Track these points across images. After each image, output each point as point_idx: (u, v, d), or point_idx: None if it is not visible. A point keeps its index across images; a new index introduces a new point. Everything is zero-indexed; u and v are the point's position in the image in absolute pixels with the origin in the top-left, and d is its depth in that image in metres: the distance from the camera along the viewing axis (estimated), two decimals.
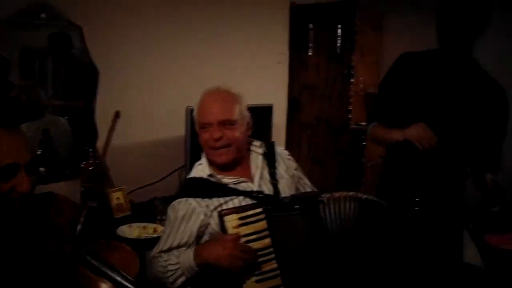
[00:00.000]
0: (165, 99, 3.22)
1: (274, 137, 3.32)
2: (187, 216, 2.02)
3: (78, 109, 2.92)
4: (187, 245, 2.00)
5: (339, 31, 3.99)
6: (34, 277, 1.45)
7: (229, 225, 1.91)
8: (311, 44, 4.12)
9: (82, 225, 1.45)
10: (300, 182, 2.29)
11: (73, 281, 1.46)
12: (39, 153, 2.64)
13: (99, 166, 2.61)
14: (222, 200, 2.03)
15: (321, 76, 4.09)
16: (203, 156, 2.17)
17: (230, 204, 2.02)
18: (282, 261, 1.92)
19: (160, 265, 1.96)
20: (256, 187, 2.09)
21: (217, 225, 1.95)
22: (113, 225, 2.55)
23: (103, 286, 1.48)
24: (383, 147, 2.67)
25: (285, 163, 2.24)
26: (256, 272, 1.89)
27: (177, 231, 2.02)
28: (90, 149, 2.66)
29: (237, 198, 2.04)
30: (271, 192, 2.09)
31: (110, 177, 2.78)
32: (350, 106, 3.99)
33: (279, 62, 4.09)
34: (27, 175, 1.46)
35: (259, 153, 2.21)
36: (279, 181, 2.14)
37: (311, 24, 4.12)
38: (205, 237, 2.03)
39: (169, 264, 1.94)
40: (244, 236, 1.90)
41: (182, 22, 3.28)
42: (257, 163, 2.18)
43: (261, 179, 2.13)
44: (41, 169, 2.60)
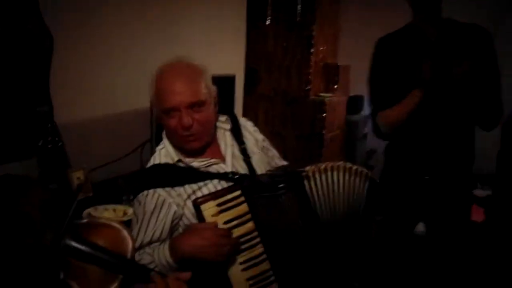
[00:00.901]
0: (126, 70, 3.02)
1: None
2: (157, 209, 1.82)
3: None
4: (160, 241, 1.83)
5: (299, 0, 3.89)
6: (11, 278, 1.31)
7: (207, 214, 1.75)
8: (269, 13, 4.01)
9: (72, 211, 1.33)
10: (269, 154, 2.13)
11: (57, 276, 1.32)
12: None
13: (58, 144, 2.42)
14: (195, 186, 1.85)
15: (280, 46, 4.00)
16: (164, 139, 1.96)
17: (204, 190, 1.84)
18: (268, 244, 1.80)
19: None
20: (230, 168, 1.91)
21: (193, 215, 1.79)
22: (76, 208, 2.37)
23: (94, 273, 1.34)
24: (391, 136, 2.61)
25: (253, 136, 2.07)
26: (242, 259, 1.76)
27: (147, 227, 1.83)
28: (49, 125, 2.42)
29: (211, 182, 1.86)
30: (245, 171, 1.93)
31: (68, 156, 2.59)
32: (309, 76, 3.94)
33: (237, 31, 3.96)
34: None
35: (226, 129, 2.02)
36: (252, 157, 1.98)
37: None
38: (179, 230, 1.86)
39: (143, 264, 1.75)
40: (224, 223, 1.76)
41: None
42: (225, 141, 1.99)
43: (233, 157, 1.96)
44: None
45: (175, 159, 1.90)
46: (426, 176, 2.41)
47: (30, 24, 2.58)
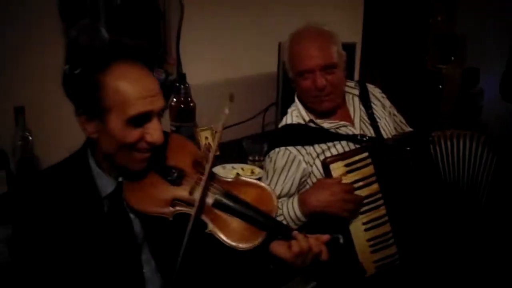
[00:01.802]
0: (254, 36, 3.09)
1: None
2: (287, 165, 1.93)
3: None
4: (288, 195, 1.94)
5: None
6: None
7: (335, 174, 1.82)
8: None
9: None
10: (395, 120, 2.19)
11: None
12: None
13: (190, 104, 2.56)
14: (324, 146, 1.94)
15: (397, 15, 3.94)
16: (296, 101, 2.06)
17: (333, 150, 1.93)
18: (391, 206, 1.84)
19: None
20: (358, 130, 1.99)
21: (321, 174, 1.87)
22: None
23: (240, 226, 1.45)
24: None
25: (380, 102, 2.13)
26: (365, 219, 1.83)
27: (277, 181, 1.93)
28: (181, 85, 2.55)
29: (340, 143, 1.95)
30: (373, 134, 1.99)
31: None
32: (427, 47, 3.87)
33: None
34: (159, 122, 1.38)
35: (355, 94, 2.10)
36: (379, 121, 2.04)
37: None
38: (307, 187, 1.95)
39: None
40: (351, 183, 1.82)
41: None
42: (354, 105, 2.07)
43: (361, 121, 2.03)
44: None
45: (307, 119, 1.99)
46: None
47: None
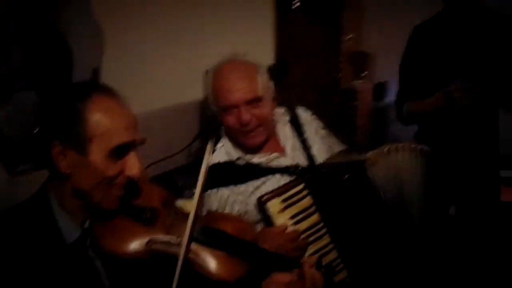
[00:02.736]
0: (169, 65, 3.02)
1: None
2: (220, 208, 1.86)
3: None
4: None
5: None
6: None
7: (272, 212, 1.79)
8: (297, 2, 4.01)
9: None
10: (329, 142, 2.12)
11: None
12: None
13: None
14: (257, 182, 1.88)
15: (309, 35, 4.01)
16: (223, 136, 1.98)
17: (268, 185, 1.87)
18: (335, 233, 1.82)
19: None
20: (290, 160, 1.92)
21: (257, 212, 1.83)
22: None
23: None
24: (417, 122, 2.70)
25: (312, 125, 2.07)
26: (310, 251, 1.80)
27: None
28: None
29: (274, 177, 1.89)
30: (307, 162, 1.94)
31: None
32: (340, 64, 3.95)
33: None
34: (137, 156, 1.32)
35: (285, 121, 2.03)
36: (312, 147, 1.98)
37: None
38: None
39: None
40: (291, 217, 1.80)
41: None
42: (285, 133, 2.00)
43: (294, 149, 1.97)
44: None
45: (235, 157, 1.92)
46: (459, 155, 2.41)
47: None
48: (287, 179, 1.88)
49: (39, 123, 1.30)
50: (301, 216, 1.82)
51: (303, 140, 1.99)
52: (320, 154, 1.99)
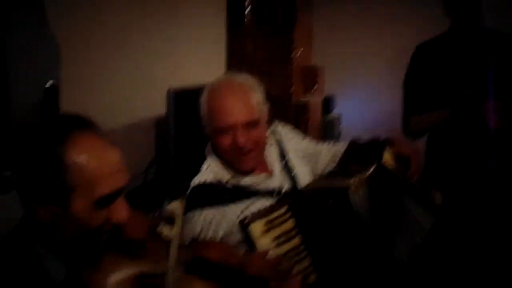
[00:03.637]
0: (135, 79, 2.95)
1: None
2: (204, 230, 1.80)
3: None
4: None
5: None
6: None
7: (254, 234, 1.75)
8: (249, 18, 4.01)
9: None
10: (311, 159, 2.09)
11: None
12: None
13: None
14: (243, 205, 1.84)
15: (260, 50, 4.01)
16: (210, 156, 1.93)
17: (252, 208, 1.83)
18: (315, 256, 1.80)
19: None
20: (277, 183, 1.91)
21: (241, 234, 1.78)
22: None
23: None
24: (422, 136, 2.79)
25: (293, 146, 2.05)
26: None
27: None
28: None
29: (260, 200, 1.86)
30: (291, 184, 1.93)
31: None
32: (291, 80, 3.98)
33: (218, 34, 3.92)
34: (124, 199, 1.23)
35: (271, 142, 2.00)
36: (295, 169, 1.96)
37: None
38: None
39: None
40: (273, 240, 1.76)
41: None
42: (272, 154, 1.97)
43: (281, 172, 1.95)
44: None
45: (225, 178, 1.88)
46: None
47: None
48: (272, 202, 1.85)
49: (14, 171, 1.19)
50: (283, 238, 1.79)
51: (285, 162, 1.98)
52: (303, 176, 1.98)
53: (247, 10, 3.92)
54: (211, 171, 1.90)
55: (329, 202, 1.82)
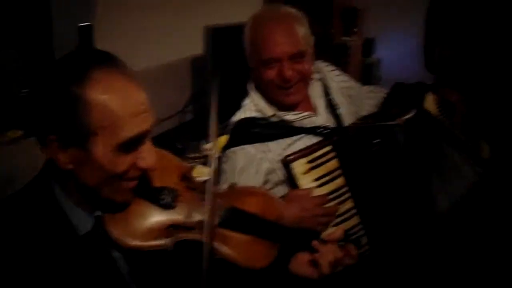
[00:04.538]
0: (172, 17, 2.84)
1: None
2: (247, 166, 1.74)
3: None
4: None
5: None
6: None
7: (297, 172, 1.70)
8: None
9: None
10: (356, 101, 2.02)
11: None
12: None
13: None
14: (289, 140, 1.78)
15: None
16: (253, 91, 1.85)
17: (298, 144, 1.77)
18: (358, 198, 1.76)
19: None
20: (322, 120, 1.83)
21: (283, 172, 1.74)
22: None
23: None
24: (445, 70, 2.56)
25: (337, 84, 1.97)
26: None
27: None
28: None
29: (305, 136, 1.79)
30: (335, 123, 1.85)
31: None
32: (332, 20, 3.85)
33: None
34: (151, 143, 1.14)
35: (316, 79, 1.91)
36: (340, 108, 1.89)
37: None
38: (269, 186, 1.77)
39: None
40: (315, 179, 1.72)
41: None
42: (315, 92, 1.89)
43: (325, 109, 1.87)
44: None
45: (269, 113, 1.81)
46: None
47: None
48: (315, 140, 1.79)
49: (30, 113, 1.09)
50: (326, 178, 1.74)
51: (329, 100, 1.90)
52: (347, 115, 1.90)
53: None
54: (253, 107, 1.84)
55: (375, 140, 1.76)
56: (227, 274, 1.30)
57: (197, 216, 1.23)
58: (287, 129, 1.80)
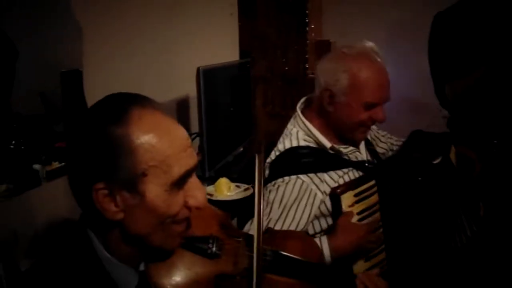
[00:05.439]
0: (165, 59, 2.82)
1: None
2: (300, 197, 1.71)
3: None
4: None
5: None
6: None
7: (344, 204, 1.72)
8: None
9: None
10: (380, 136, 2.11)
11: None
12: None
13: None
14: (340, 173, 1.78)
15: (273, 27, 3.92)
16: (308, 123, 1.83)
17: (346, 177, 1.79)
18: (389, 235, 1.79)
19: None
20: (364, 155, 1.90)
21: (330, 204, 1.75)
22: None
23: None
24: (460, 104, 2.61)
25: None
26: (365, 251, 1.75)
27: (287, 216, 1.69)
28: None
29: (352, 170, 1.81)
30: (372, 159, 1.92)
31: None
32: (306, 55, 3.91)
33: (231, 14, 3.80)
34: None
35: None
36: (374, 144, 1.97)
37: None
38: (315, 220, 1.78)
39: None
40: (358, 213, 1.74)
41: None
42: None
43: (364, 145, 1.94)
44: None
45: (328, 145, 1.80)
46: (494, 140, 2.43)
47: None
48: (357, 174, 1.83)
49: (71, 163, 1.03)
50: (366, 212, 1.77)
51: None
52: (382, 151, 2.00)
53: None
54: (304, 137, 1.83)
55: (415, 178, 1.79)
56: None
57: (242, 263, 1.19)
58: (341, 162, 1.81)
